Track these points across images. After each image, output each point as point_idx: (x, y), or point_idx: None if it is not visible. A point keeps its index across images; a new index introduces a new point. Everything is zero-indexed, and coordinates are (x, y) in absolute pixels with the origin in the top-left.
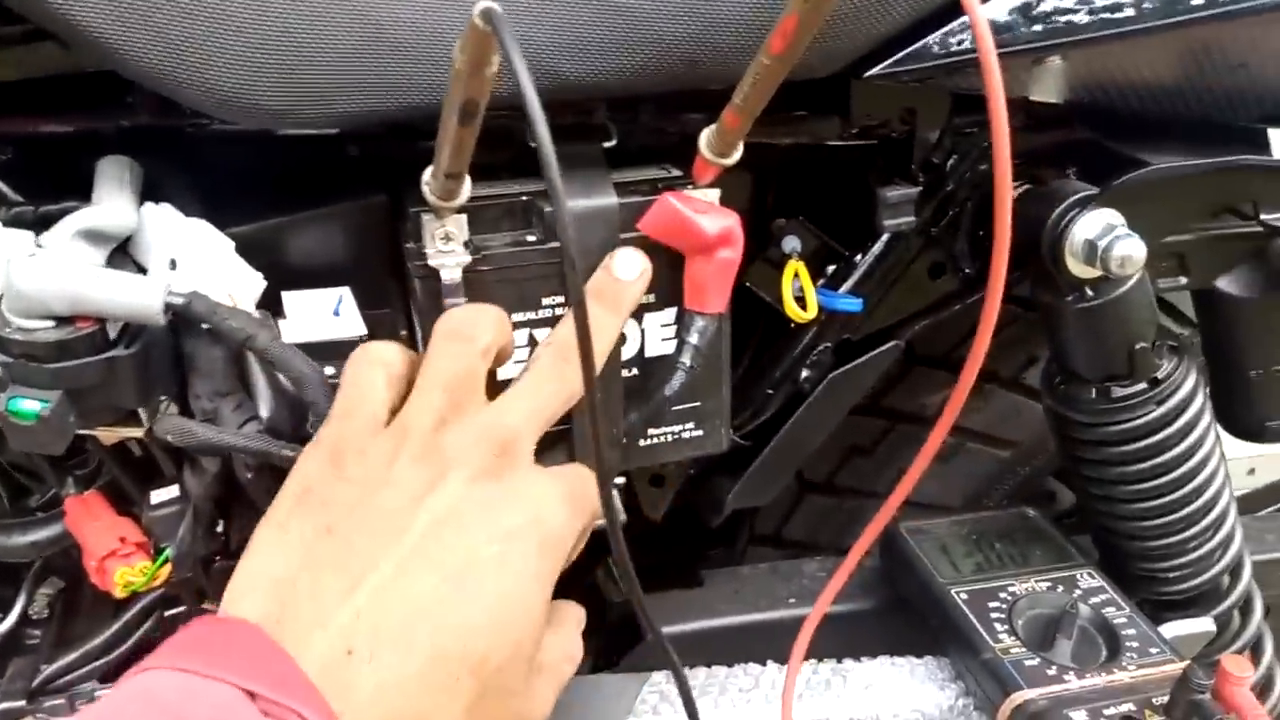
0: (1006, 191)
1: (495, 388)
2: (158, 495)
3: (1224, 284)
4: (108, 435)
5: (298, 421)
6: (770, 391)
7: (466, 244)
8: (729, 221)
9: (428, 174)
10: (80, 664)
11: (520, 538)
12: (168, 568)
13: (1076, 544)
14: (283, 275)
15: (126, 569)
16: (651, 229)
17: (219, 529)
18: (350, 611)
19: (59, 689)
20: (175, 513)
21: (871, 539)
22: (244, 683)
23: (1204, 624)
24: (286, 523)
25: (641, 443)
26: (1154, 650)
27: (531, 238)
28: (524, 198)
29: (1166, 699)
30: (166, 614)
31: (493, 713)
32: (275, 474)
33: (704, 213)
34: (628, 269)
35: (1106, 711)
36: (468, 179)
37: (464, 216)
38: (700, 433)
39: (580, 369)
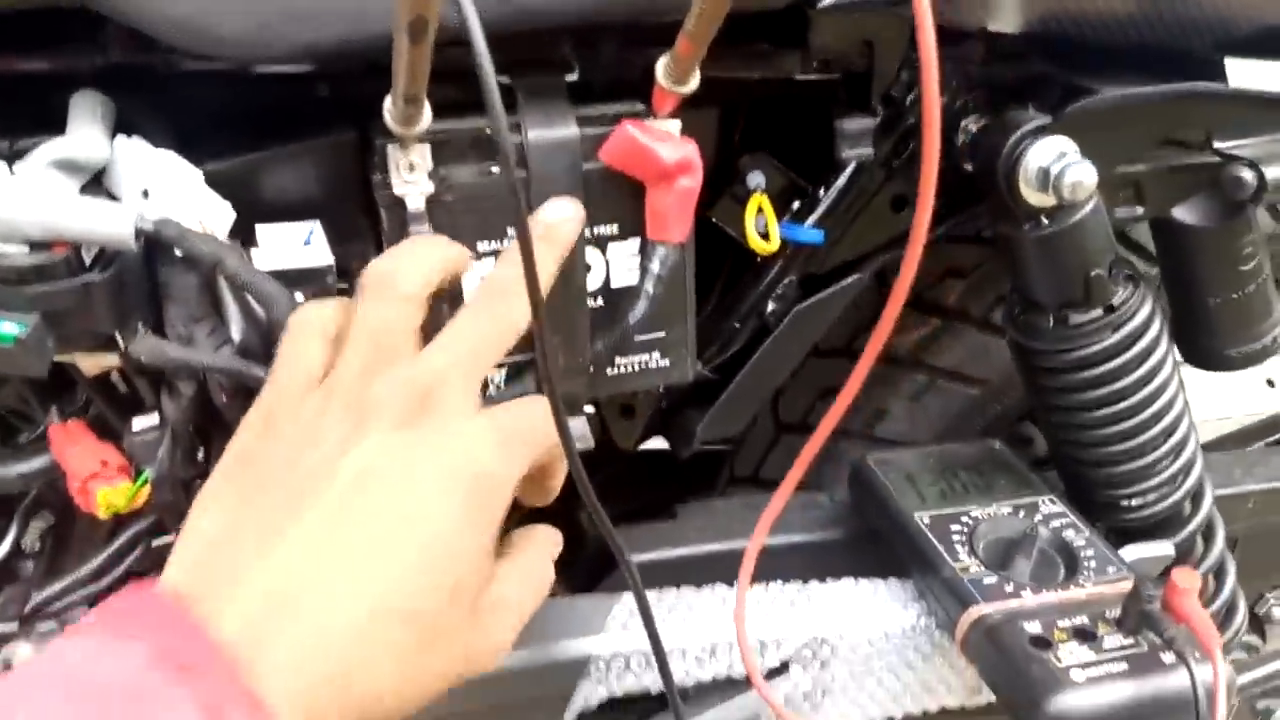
0: (934, 109)
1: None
2: (139, 422)
3: (1180, 213)
4: (90, 364)
5: (269, 344)
6: (737, 325)
7: (431, 174)
8: (687, 150)
9: (388, 101)
10: (70, 590)
11: (446, 482)
12: (148, 488)
13: (1041, 475)
14: (256, 211)
15: (108, 489)
16: (612, 158)
17: (200, 455)
18: (270, 569)
19: (50, 614)
20: (155, 438)
21: (809, 459)
22: (154, 644)
23: (1164, 548)
24: (221, 486)
25: (609, 372)
26: (1111, 569)
27: (496, 169)
28: (488, 129)
29: (1119, 612)
30: (154, 543)
31: (437, 658)
32: (250, 397)
33: (662, 141)
34: (558, 212)
35: (1060, 624)
36: (427, 106)
37: (428, 147)
38: (666, 363)
39: (517, 305)
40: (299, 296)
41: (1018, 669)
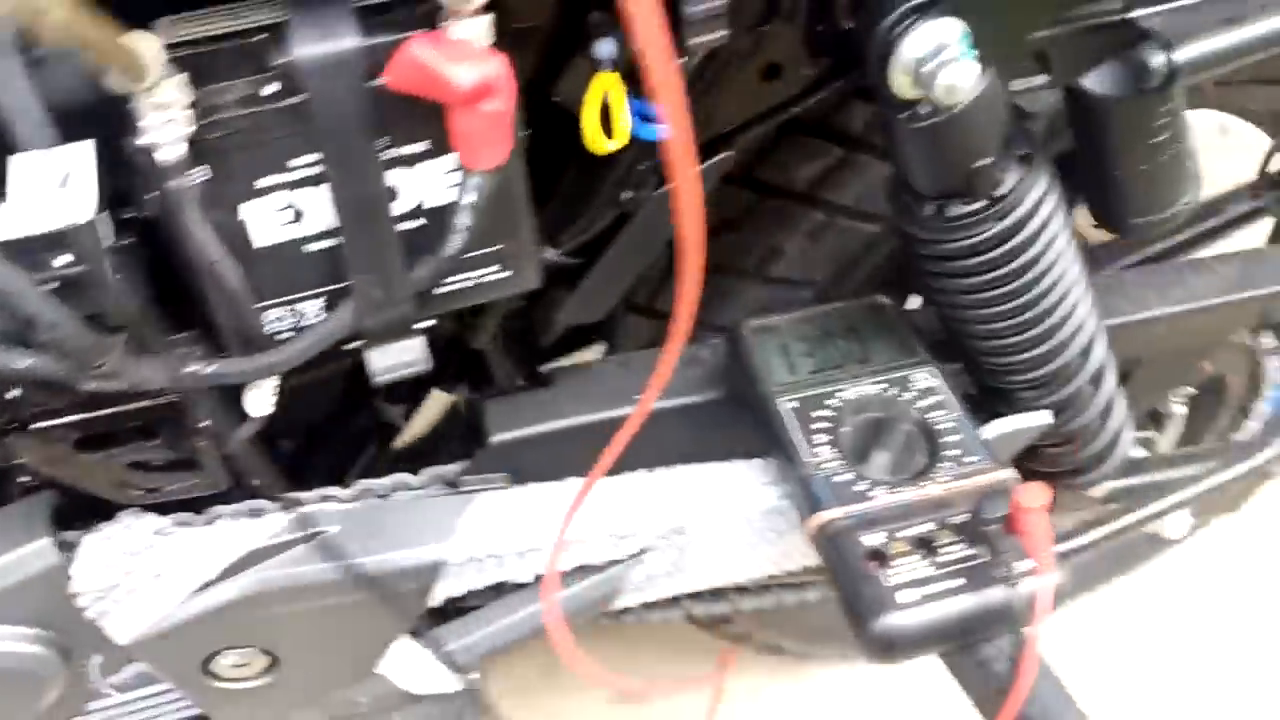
0: None
1: None
2: None
3: (1089, 82)
4: None
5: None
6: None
7: (192, 105)
8: (489, 67)
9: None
10: None
11: None
12: None
13: (925, 335)
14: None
15: None
16: (400, 82)
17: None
18: None
19: None
20: None
21: (680, 341)
22: None
23: (1037, 418)
24: None
25: (439, 291)
26: (973, 459)
27: (268, 90)
28: (256, 37)
29: (968, 517)
30: None
31: None
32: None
33: (457, 60)
34: None
35: (901, 534)
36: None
37: (182, 75)
38: (508, 274)
39: None
40: (64, 259)
41: (851, 585)
